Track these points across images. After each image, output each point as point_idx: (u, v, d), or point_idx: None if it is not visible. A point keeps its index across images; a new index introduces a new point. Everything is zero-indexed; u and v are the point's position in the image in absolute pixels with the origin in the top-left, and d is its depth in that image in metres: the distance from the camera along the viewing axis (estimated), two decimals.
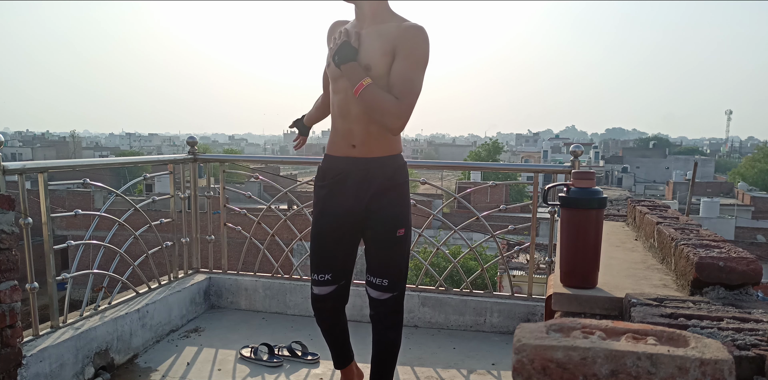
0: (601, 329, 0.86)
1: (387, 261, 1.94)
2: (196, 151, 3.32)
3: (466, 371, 2.58)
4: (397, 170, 1.93)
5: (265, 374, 2.54)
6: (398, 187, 1.93)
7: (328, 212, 1.96)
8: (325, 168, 1.97)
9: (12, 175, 2.09)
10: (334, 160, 1.95)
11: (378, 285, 1.94)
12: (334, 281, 2.01)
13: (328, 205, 1.95)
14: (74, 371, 2.29)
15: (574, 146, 2.93)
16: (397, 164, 1.93)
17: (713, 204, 25.36)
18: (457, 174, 40.39)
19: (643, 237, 2.05)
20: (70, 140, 67.24)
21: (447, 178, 46.23)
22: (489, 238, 3.13)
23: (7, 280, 1.84)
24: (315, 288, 2.05)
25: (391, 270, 1.94)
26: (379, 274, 1.94)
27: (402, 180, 1.94)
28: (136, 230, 2.82)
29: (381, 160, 1.90)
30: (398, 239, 1.91)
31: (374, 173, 1.89)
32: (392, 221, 1.90)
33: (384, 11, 1.85)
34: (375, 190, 1.88)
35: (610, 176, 47.40)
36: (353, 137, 1.88)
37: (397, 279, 1.95)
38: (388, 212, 1.89)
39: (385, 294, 1.95)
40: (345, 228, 1.95)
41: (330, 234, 1.97)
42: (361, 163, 1.89)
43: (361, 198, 1.89)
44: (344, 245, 1.99)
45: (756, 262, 1.30)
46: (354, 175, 1.90)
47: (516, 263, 14.19)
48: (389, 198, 1.90)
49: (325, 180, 1.97)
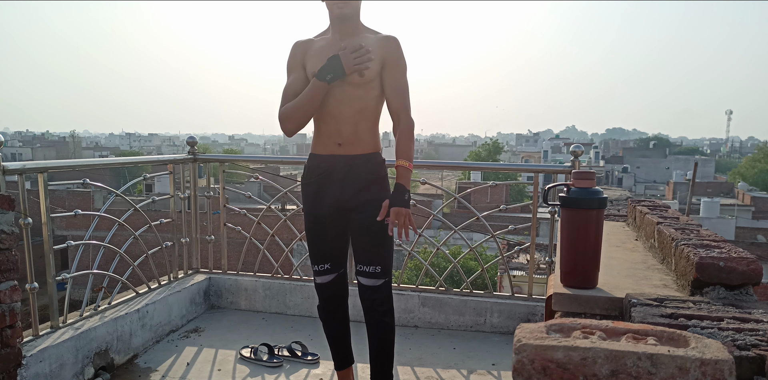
0: (601, 329, 0.86)
1: (377, 249, 2.06)
2: (195, 151, 3.32)
3: (466, 371, 2.57)
4: (379, 165, 2.09)
5: (265, 374, 2.54)
6: (381, 180, 2.09)
7: (318, 206, 2.09)
8: (312, 166, 2.10)
9: (12, 175, 2.09)
10: (319, 158, 2.08)
11: (371, 272, 2.05)
12: (333, 269, 2.16)
13: (318, 200, 2.09)
14: (74, 371, 2.29)
15: (575, 146, 2.93)
16: (377, 160, 2.10)
17: (713, 204, 25.35)
18: (457, 174, 40.39)
19: (643, 238, 2.05)
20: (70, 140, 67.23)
21: (447, 178, 46.23)
22: (489, 238, 3.13)
23: (7, 280, 1.84)
24: (317, 278, 2.18)
25: (382, 257, 2.06)
26: (371, 262, 2.05)
27: (383, 173, 2.11)
28: (135, 230, 2.82)
29: (364, 157, 2.05)
30: (385, 227, 2.02)
31: (359, 168, 2.04)
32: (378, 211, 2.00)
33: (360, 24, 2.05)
34: (361, 183, 2.03)
35: (610, 176, 47.40)
36: (340, 136, 2.03)
37: (388, 265, 2.08)
38: (375, 203, 2.00)
39: (379, 280, 2.06)
40: (334, 220, 2.09)
41: (323, 226, 2.11)
42: (347, 159, 2.03)
43: (349, 192, 2.03)
44: (336, 236, 2.13)
45: (756, 262, 1.30)
46: (340, 170, 2.04)
47: (516, 263, 14.19)
48: (375, 190, 2.05)
49: (312, 177, 2.10)
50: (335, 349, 2.25)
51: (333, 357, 2.27)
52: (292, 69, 2.06)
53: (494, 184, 3.34)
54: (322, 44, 2.03)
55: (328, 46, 1.99)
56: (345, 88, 1.97)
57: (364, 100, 2.00)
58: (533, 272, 3.13)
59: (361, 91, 1.98)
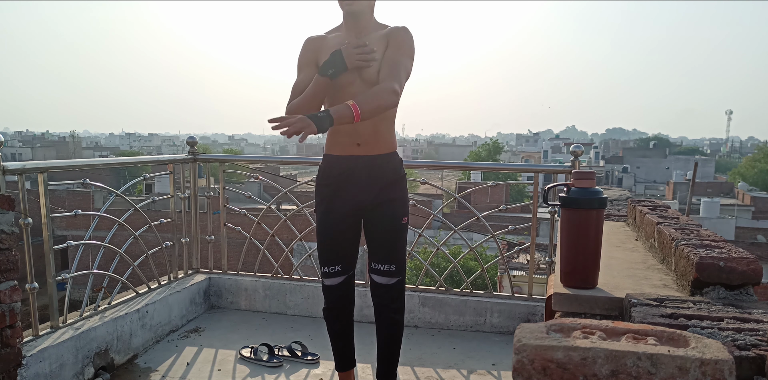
0: (601, 329, 0.86)
1: (393, 248, 2.07)
2: (195, 151, 3.32)
3: (466, 371, 2.57)
4: (398, 165, 2.09)
5: (265, 374, 2.54)
6: (401, 180, 2.09)
7: (335, 209, 2.05)
8: (328, 167, 2.06)
9: (12, 175, 2.09)
10: (336, 159, 2.04)
11: (386, 271, 2.07)
12: (344, 271, 2.13)
13: (335, 202, 2.05)
14: (74, 371, 2.29)
15: (575, 146, 2.93)
16: (397, 159, 2.09)
17: (713, 204, 25.35)
18: (458, 174, 40.40)
19: (643, 238, 2.05)
20: (70, 140, 67.22)
21: (447, 178, 46.23)
22: (489, 238, 3.13)
23: (7, 280, 1.84)
24: (327, 280, 2.15)
25: (397, 256, 2.07)
26: (386, 261, 2.06)
27: (403, 173, 2.12)
28: (136, 230, 2.82)
29: (385, 157, 2.03)
30: (403, 226, 2.09)
31: (382, 168, 2.02)
32: (400, 210, 2.06)
33: (373, 21, 2.01)
34: (384, 183, 2.03)
35: (610, 176, 47.39)
36: (358, 136, 1.98)
37: (402, 264, 2.10)
38: (396, 202, 2.04)
39: (393, 279, 2.08)
40: (350, 221, 2.07)
41: (338, 229, 2.08)
42: (367, 160, 2.00)
43: (371, 191, 2.01)
44: (350, 238, 2.11)
45: (756, 262, 1.30)
46: (360, 172, 2.00)
47: (516, 263, 14.19)
48: (396, 190, 2.05)
49: (328, 179, 2.06)
50: (339, 351, 2.23)
51: (335, 359, 2.25)
52: (303, 66, 2.02)
53: (494, 184, 3.34)
54: (335, 42, 1.98)
55: (341, 44, 1.94)
56: (361, 85, 1.93)
57: None
58: (533, 272, 3.12)
59: None
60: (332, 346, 2.25)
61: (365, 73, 1.93)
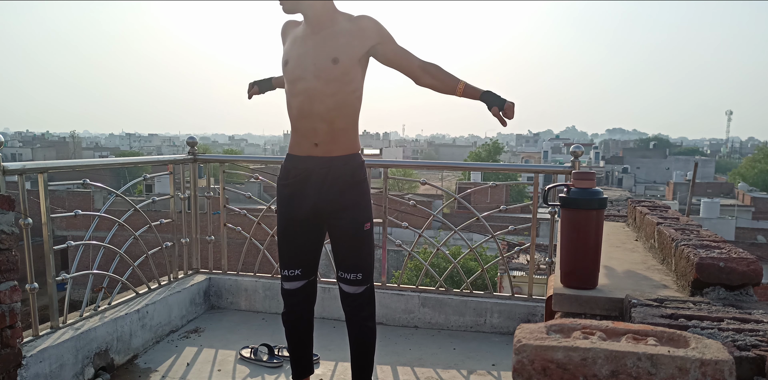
0: (601, 330, 0.86)
1: (357, 256, 2.01)
2: (196, 152, 3.32)
3: (466, 371, 2.57)
4: (357, 168, 1.99)
5: (265, 374, 2.54)
6: (359, 184, 2.00)
7: (293, 210, 2.01)
8: (288, 167, 2.02)
9: (12, 175, 2.09)
10: (296, 159, 2.00)
11: (352, 280, 2.01)
12: (304, 276, 2.08)
13: (293, 203, 2.01)
14: (74, 371, 2.29)
15: (575, 146, 2.93)
16: (356, 163, 2.00)
17: (713, 204, 25.35)
18: (458, 174, 40.38)
19: (643, 238, 2.05)
20: (70, 140, 67.26)
21: (447, 178, 46.22)
22: (489, 239, 3.13)
23: (7, 281, 1.84)
24: (286, 284, 2.10)
25: (363, 264, 2.01)
26: (352, 269, 2.01)
27: (362, 177, 2.02)
28: (135, 230, 2.82)
29: (342, 159, 1.95)
30: (366, 233, 1.99)
31: (336, 171, 1.94)
32: (359, 217, 1.98)
33: (330, 13, 1.92)
34: (338, 188, 1.95)
35: (610, 176, 47.39)
36: (316, 135, 1.93)
37: (369, 271, 2.04)
38: (353, 209, 1.97)
39: (360, 288, 2.02)
40: (310, 225, 2.03)
41: (296, 231, 2.03)
42: (324, 161, 1.94)
43: (326, 195, 1.95)
44: (311, 241, 2.06)
45: (756, 263, 1.30)
46: (316, 174, 1.95)
47: (516, 263, 14.20)
48: (352, 195, 1.97)
49: (288, 179, 2.02)
50: (296, 358, 2.16)
51: (292, 366, 2.17)
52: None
53: (494, 185, 3.34)
54: (297, 34, 1.97)
55: (302, 37, 1.94)
56: (315, 83, 1.88)
57: (338, 96, 1.90)
58: (533, 272, 3.12)
59: (334, 87, 1.89)
60: (289, 352, 2.18)
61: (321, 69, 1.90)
